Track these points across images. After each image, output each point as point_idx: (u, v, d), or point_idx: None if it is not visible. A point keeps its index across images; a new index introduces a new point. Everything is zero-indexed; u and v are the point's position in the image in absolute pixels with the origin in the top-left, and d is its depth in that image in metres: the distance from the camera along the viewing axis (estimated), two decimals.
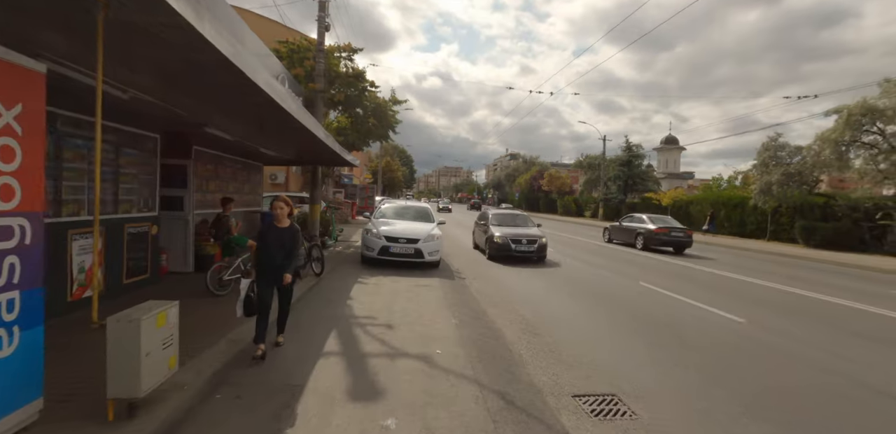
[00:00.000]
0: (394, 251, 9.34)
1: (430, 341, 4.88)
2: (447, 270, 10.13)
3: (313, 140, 8.73)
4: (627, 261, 13.44)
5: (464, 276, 9.67)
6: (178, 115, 6.01)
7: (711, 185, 42.77)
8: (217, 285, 6.13)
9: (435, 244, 9.64)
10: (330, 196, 29.64)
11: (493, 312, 6.58)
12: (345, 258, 10.90)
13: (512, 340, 5.27)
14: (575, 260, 13.15)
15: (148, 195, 6.49)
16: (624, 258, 14.05)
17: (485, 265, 11.22)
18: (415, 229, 9.87)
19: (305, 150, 10.95)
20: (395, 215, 11.20)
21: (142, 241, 6.36)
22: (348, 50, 15.66)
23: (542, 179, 60.06)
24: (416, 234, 9.56)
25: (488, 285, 8.75)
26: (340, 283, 7.77)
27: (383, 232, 9.56)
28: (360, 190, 36.31)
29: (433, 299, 6.98)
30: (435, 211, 12.15)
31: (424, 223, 10.65)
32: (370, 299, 6.63)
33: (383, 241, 9.37)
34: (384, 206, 11.72)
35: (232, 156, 9.85)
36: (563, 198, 55.00)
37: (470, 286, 8.55)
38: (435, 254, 9.66)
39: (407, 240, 9.41)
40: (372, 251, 9.45)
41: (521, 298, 7.63)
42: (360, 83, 15.39)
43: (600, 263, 12.67)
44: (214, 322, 5.07)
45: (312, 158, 12.12)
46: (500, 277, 9.74)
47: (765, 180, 22.11)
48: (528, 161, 72.34)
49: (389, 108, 16.14)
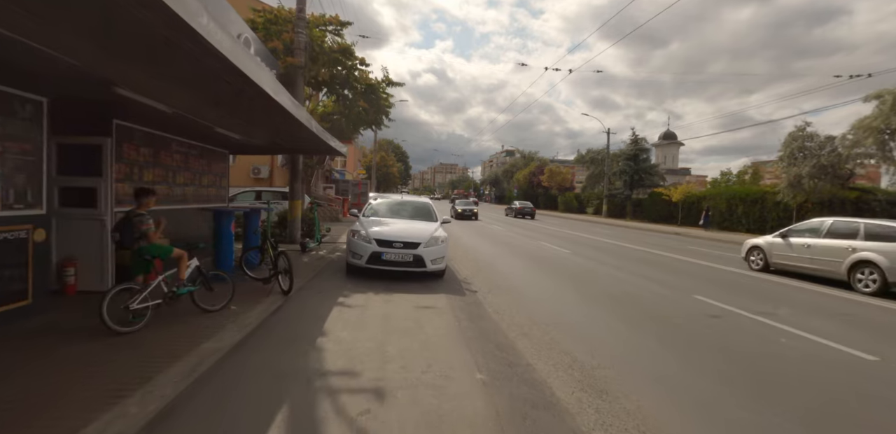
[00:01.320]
0: (387, 259, 7.33)
1: (448, 430, 2.90)
2: (453, 280, 8.15)
3: (289, 121, 6.80)
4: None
5: (474, 285, 7.71)
6: (68, 66, 4.03)
7: (720, 180, 40.97)
8: (120, 317, 4.11)
9: (439, 249, 7.65)
10: (320, 192, 27.56)
11: (528, 350, 4.61)
12: (327, 266, 8.88)
13: (574, 408, 3.32)
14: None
15: (26, 185, 4.45)
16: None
17: (495, 264, 9.26)
18: (413, 231, 7.87)
19: (281, 135, 8.93)
20: (389, 213, 9.17)
21: (16, 253, 4.33)
22: (335, 23, 13.59)
23: (542, 175, 58.16)
24: (416, 237, 7.56)
25: (508, 300, 6.79)
26: (314, 306, 5.76)
27: (374, 234, 7.55)
28: (353, 186, 34.22)
29: (442, 331, 5.00)
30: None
31: (425, 222, 8.64)
32: (352, 335, 4.62)
33: (374, 246, 7.35)
34: (376, 201, 9.69)
35: (184, 138, 7.80)
36: (564, 194, 53.14)
37: (485, 303, 6.59)
38: (439, 261, 7.67)
39: (404, 244, 7.40)
40: (359, 259, 7.43)
41: (554, 319, 5.66)
42: (347, 60, 13.34)
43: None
44: (94, 391, 3.06)
45: (291, 145, 10.09)
46: (520, 286, 7.77)
47: (793, 173, 20.25)
48: (527, 156, 70.35)
49: (382, 89, 14.09)
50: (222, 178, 9.55)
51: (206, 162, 8.73)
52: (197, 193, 8.31)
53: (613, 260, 12.02)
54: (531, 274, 9.44)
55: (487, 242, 15.29)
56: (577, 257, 12.28)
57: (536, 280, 8.80)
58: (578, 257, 12.28)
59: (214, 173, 9.13)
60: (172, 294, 4.58)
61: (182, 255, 4.69)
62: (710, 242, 19.60)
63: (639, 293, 7.89)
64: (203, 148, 8.57)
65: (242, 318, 4.87)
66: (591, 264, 11.06)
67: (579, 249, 14.14)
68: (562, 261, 11.52)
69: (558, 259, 11.83)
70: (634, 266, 11.07)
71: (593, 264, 11.08)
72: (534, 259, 11.65)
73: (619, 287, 8.37)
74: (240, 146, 10.03)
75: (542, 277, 9.09)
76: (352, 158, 54.73)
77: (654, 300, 7.36)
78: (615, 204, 40.81)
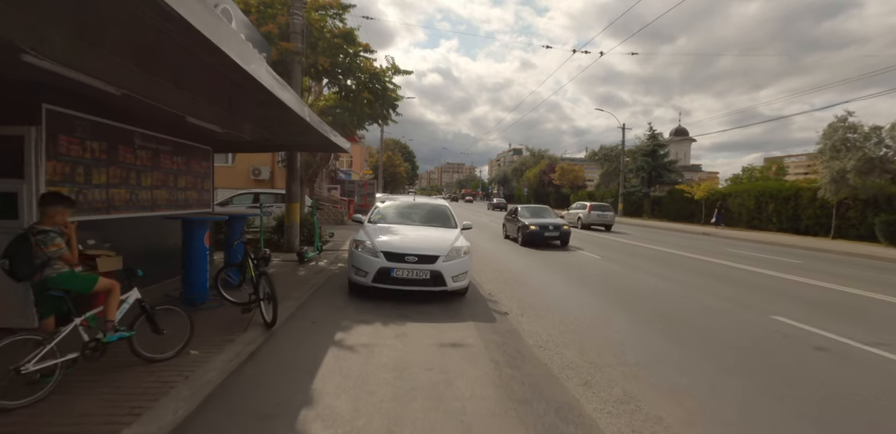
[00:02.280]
0: (398, 276, 5.92)
1: None
2: (476, 296, 6.77)
3: (281, 110, 5.51)
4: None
5: (501, 303, 6.33)
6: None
7: (741, 176, 39.14)
8: (10, 383, 2.76)
9: (462, 263, 6.24)
10: (324, 193, 26.28)
11: (602, 417, 3.20)
12: (326, 281, 7.50)
13: None
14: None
15: None
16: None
17: (519, 275, 7.85)
18: (430, 240, 6.47)
19: (272, 127, 7.60)
20: (399, 218, 7.73)
21: None
22: (336, 6, 12.21)
23: (553, 173, 56.59)
24: (433, 248, 6.15)
25: (547, 326, 5.38)
26: (303, 349, 4.36)
27: (382, 245, 6.17)
28: (359, 186, 32.92)
29: (479, 388, 3.59)
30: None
31: (443, 229, 7.23)
32: (351, 405, 3.18)
33: (381, 261, 5.95)
34: (383, 204, 8.28)
35: (151, 131, 6.47)
36: (577, 192, 51.47)
37: (522, 332, 5.20)
38: (462, 278, 6.26)
39: (419, 257, 5.99)
40: (364, 276, 6.03)
41: (616, 358, 4.24)
42: (349, 46, 11.95)
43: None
44: None
45: (285, 141, 8.73)
46: (555, 304, 6.34)
47: (836, 168, 18.57)
48: (537, 154, 68.73)
49: (388, 79, 12.69)
50: (205, 179, 8.22)
51: (183, 160, 7.39)
52: (171, 198, 6.97)
53: (652, 266, 10.54)
54: (564, 287, 8.00)
55: (510, 251, 13.86)
56: (610, 264, 10.81)
57: (571, 295, 7.36)
58: (612, 264, 10.82)
59: (195, 174, 7.80)
60: (96, 343, 3.22)
61: (112, 287, 3.33)
62: (749, 244, 18.00)
63: (703, 312, 6.43)
64: (178, 144, 7.23)
65: (200, 373, 3.49)
66: (628, 271, 9.59)
67: (608, 253, 12.66)
68: (595, 268, 10.06)
69: (590, 266, 10.38)
70: (680, 274, 9.59)
71: (629, 271, 9.61)
72: (562, 267, 10.21)
73: (672, 303, 6.91)
74: (226, 143, 8.70)
75: (577, 291, 7.64)
76: (358, 158, 53.53)
77: (729, 324, 5.90)
78: (631, 202, 39.17)
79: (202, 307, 5.40)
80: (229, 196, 15.16)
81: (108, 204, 5.52)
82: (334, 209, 21.50)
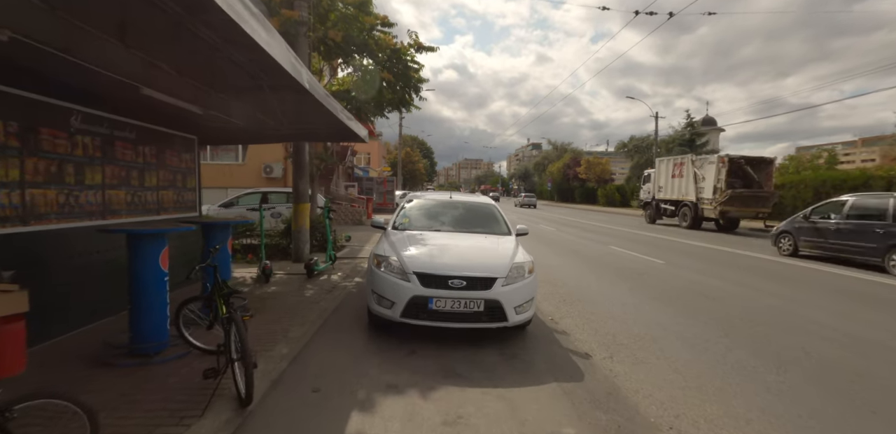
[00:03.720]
0: (439, 308, 4.08)
1: None
2: (541, 329, 4.93)
3: (275, 76, 3.79)
4: None
5: (575, 336, 4.47)
6: None
7: (788, 165, 36.23)
8: None
9: (526, 287, 4.38)
10: (342, 191, 24.67)
11: None
12: (338, 307, 5.74)
13: None
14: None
15: None
16: None
17: (579, 287, 5.98)
18: (480, 254, 4.63)
19: (268, 108, 5.90)
20: (431, 221, 5.83)
21: None
22: None
23: (579, 167, 54.09)
24: (487, 267, 4.33)
25: (662, 378, 3.51)
26: None
27: (414, 263, 4.33)
28: (378, 184, 31.33)
29: None
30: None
31: (494, 238, 5.33)
32: None
33: (414, 286, 4.13)
34: (411, 204, 6.37)
35: (102, 111, 4.80)
36: (605, 186, 48.94)
37: (628, 392, 3.35)
38: (527, 307, 4.40)
39: (468, 281, 4.15)
40: (389, 307, 4.24)
41: None
42: (365, 19, 10.16)
43: None
44: None
45: (288, 129, 7.01)
46: (651, 338, 4.46)
47: None
48: (560, 148, 66.17)
49: (411, 57, 10.88)
50: (187, 175, 6.56)
51: (153, 151, 5.72)
52: (134, 200, 5.31)
53: (720, 270, 8.51)
54: (646, 308, 6.09)
55: (542, 244, 11.95)
56: (687, 272, 8.82)
57: (661, 320, 5.44)
58: (688, 272, 8.82)
59: (172, 168, 6.14)
60: None
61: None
62: None
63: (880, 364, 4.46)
64: (145, 130, 5.56)
65: None
66: (717, 283, 7.60)
67: (675, 258, 10.63)
68: (669, 279, 8.10)
69: (659, 274, 8.42)
70: (804, 294, 7.55)
71: (719, 282, 7.62)
72: (626, 277, 8.28)
73: (814, 338, 4.93)
74: (215, 131, 7.03)
75: (666, 314, 5.72)
76: (376, 155, 52.06)
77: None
78: None
79: (156, 359, 3.70)
80: (234, 196, 13.62)
81: (24, 211, 3.85)
82: (352, 208, 19.87)
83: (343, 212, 19.49)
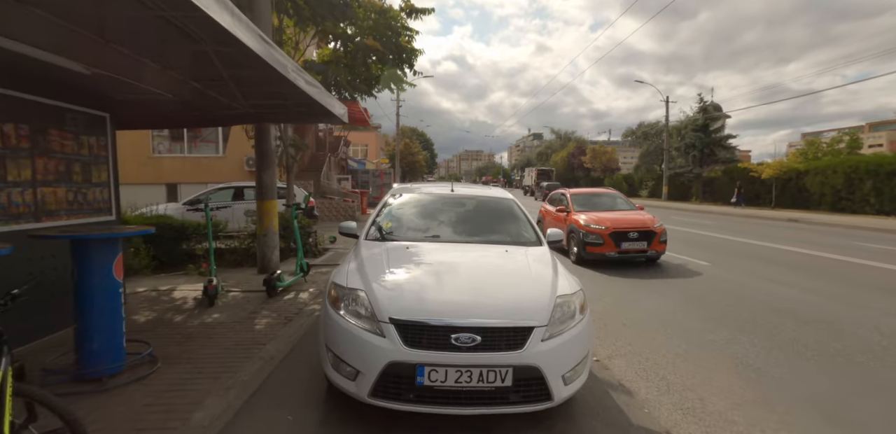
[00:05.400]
0: (437, 384, 2.34)
1: None
2: (593, 389, 3.24)
3: (223, 40, 2.03)
4: None
5: (651, 407, 2.77)
6: None
7: (806, 151, 34.33)
8: None
9: (579, 339, 2.64)
10: (334, 184, 22.88)
11: None
12: (292, 352, 4.04)
13: None
14: None
15: None
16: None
17: (629, 318, 4.32)
18: (500, 283, 2.95)
19: (201, 71, 4.19)
20: (424, 226, 4.01)
21: None
22: None
23: (584, 156, 52.21)
24: (513, 307, 2.62)
25: None
26: None
27: (392, 302, 2.58)
28: (374, 176, 29.54)
29: None
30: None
31: (519, 250, 3.54)
32: None
33: (393, 345, 2.39)
34: (397, 199, 4.47)
35: None
36: (612, 176, 47.11)
37: None
38: (580, 371, 2.67)
39: (482, 333, 2.41)
40: (353, 378, 2.48)
41: None
42: None
43: None
44: None
45: (240, 104, 5.28)
46: (747, 395, 2.82)
47: None
48: (563, 137, 64.16)
49: (402, 22, 9.08)
50: (94, 164, 4.83)
51: (25, 132, 3.99)
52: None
53: (813, 282, 6.80)
54: (715, 337, 4.40)
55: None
56: (737, 276, 7.11)
57: (751, 360, 3.76)
58: (738, 275, 7.11)
59: (65, 156, 4.42)
60: None
61: None
62: (884, 235, 13.95)
63: None
64: (8, 99, 3.83)
65: None
66: (777, 289, 5.91)
67: (716, 257, 8.91)
68: (722, 286, 6.40)
69: (709, 281, 6.73)
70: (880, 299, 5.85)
71: (778, 288, 5.92)
72: (662, 279, 6.58)
73: None
74: (139, 107, 5.33)
75: (751, 347, 4.04)
76: (373, 147, 50.20)
77: None
78: (678, 184, 34.81)
79: (110, 384, 2.18)
80: (202, 192, 11.88)
81: None
82: (344, 203, 18.15)
83: (334, 207, 17.78)
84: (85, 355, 3.13)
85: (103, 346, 3.14)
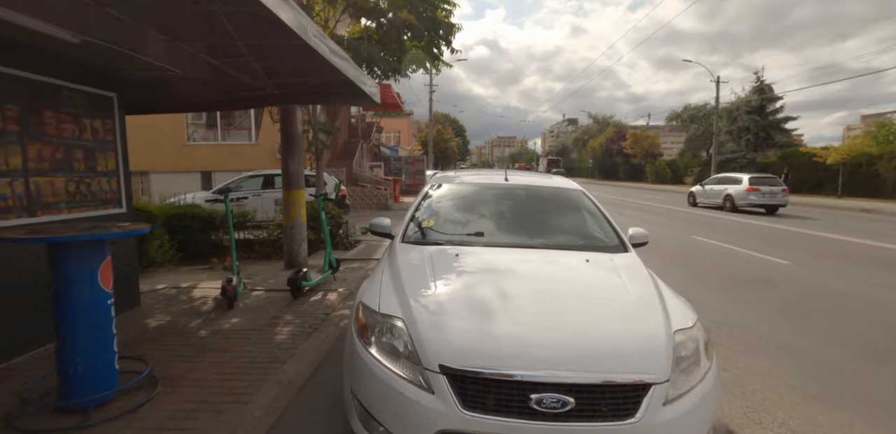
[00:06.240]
0: None
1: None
2: None
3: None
4: None
5: None
6: None
7: (876, 133, 31.45)
8: None
9: (708, 400, 1.83)
10: (366, 172, 22.37)
11: None
12: (314, 375, 3.43)
13: None
14: None
15: None
16: None
17: (745, 346, 3.49)
18: (590, 313, 2.09)
19: (234, 53, 3.52)
20: (469, 221, 3.22)
21: None
22: None
23: (624, 141, 49.90)
24: (617, 352, 1.81)
25: None
26: None
27: (441, 342, 1.83)
28: (407, 163, 28.83)
29: None
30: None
31: (600, 257, 2.74)
32: None
33: (445, 406, 1.67)
34: (438, 190, 3.67)
35: None
36: (654, 162, 44.76)
37: None
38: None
39: (575, 393, 1.66)
40: None
41: None
42: None
43: None
44: None
45: (264, 83, 4.64)
46: None
47: None
48: (602, 121, 61.60)
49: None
50: (100, 151, 4.29)
51: (14, 113, 3.45)
52: None
53: None
54: (861, 374, 3.49)
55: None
56: (825, 278, 6.04)
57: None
58: (826, 277, 6.04)
59: (63, 141, 3.87)
60: None
61: None
62: None
63: None
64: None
65: None
66: (881, 294, 4.86)
67: (793, 255, 7.78)
68: (814, 292, 5.39)
69: (795, 285, 5.71)
70: None
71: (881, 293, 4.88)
72: (760, 294, 5.62)
73: None
74: (149, 86, 4.78)
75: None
76: (406, 133, 49.61)
77: None
78: (728, 171, 32.53)
79: (96, 420, 1.80)
80: (231, 180, 11.49)
81: None
82: (377, 191, 17.59)
83: (366, 195, 17.26)
84: (67, 381, 2.56)
85: (88, 371, 2.57)
